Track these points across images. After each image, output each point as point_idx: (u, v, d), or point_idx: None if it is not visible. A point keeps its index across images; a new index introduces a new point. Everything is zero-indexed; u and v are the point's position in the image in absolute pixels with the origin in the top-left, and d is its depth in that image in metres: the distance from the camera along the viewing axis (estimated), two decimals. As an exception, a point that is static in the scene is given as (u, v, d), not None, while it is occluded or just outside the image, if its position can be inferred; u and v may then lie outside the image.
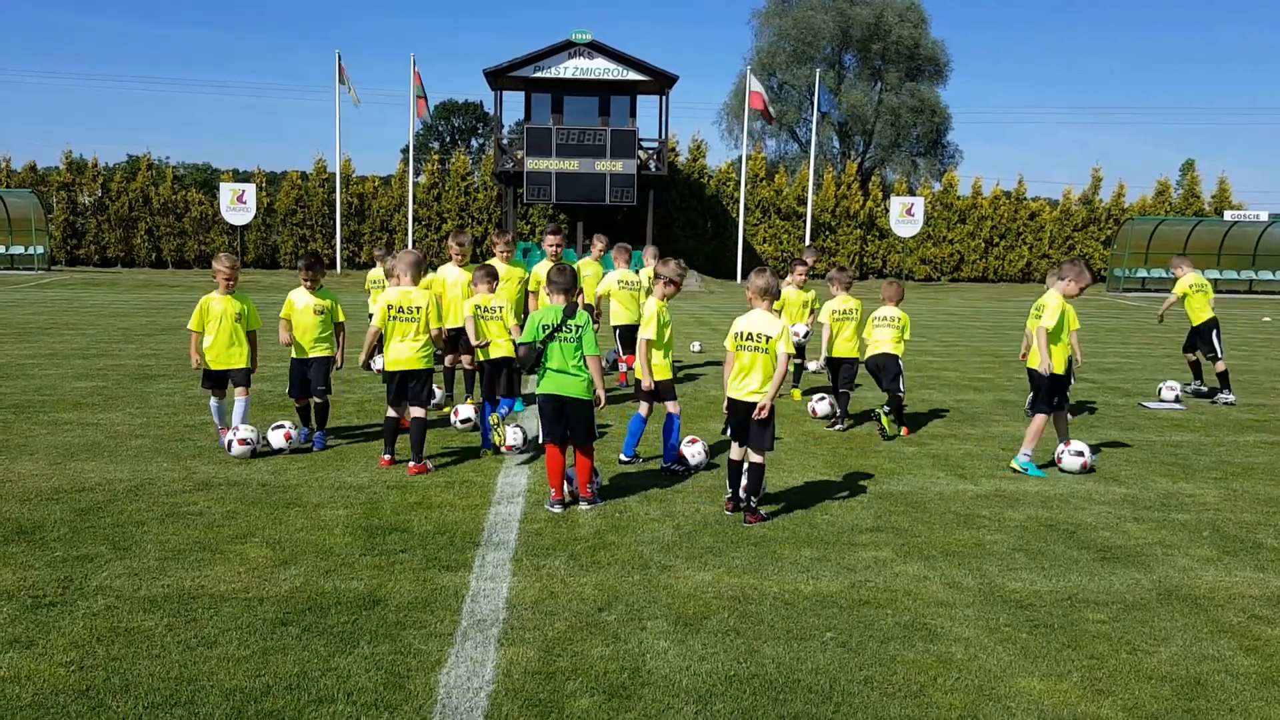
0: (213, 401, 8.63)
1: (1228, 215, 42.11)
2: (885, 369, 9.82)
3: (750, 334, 6.74)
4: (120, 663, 4.38)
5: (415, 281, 8.03)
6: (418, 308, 7.84)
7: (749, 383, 6.71)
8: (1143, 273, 41.96)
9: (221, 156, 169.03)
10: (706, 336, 18.41)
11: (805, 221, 41.00)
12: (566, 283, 7.14)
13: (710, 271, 41.11)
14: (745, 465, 6.79)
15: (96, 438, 8.91)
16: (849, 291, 10.40)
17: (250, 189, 38.87)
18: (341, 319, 8.86)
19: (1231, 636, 4.93)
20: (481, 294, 8.88)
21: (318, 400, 8.69)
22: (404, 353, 7.84)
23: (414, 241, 39.53)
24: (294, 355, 8.69)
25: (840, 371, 10.24)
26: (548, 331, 6.90)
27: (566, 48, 35.75)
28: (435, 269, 10.60)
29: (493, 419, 8.35)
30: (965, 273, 44.50)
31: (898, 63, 53.80)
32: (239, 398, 8.50)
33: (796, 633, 4.83)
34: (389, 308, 7.84)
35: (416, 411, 7.86)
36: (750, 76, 39.68)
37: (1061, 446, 8.43)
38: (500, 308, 8.90)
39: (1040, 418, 8.37)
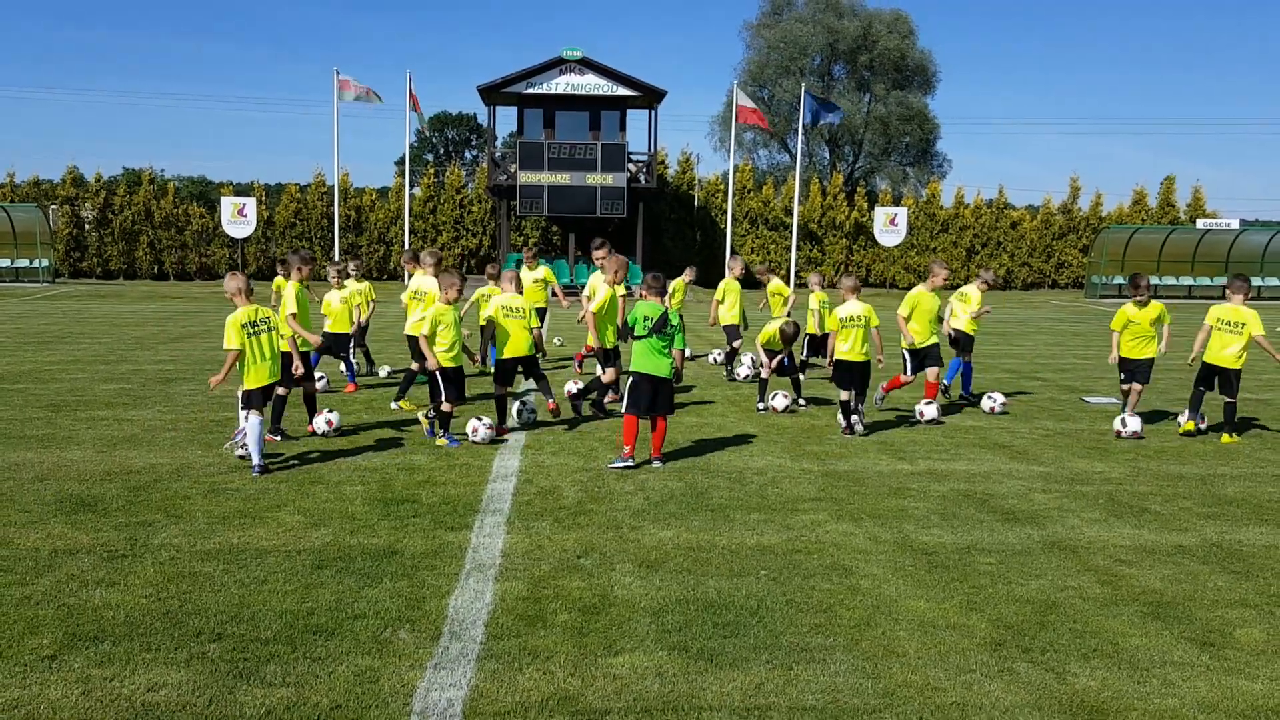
0: (256, 420, 8.22)
1: (1200, 223, 43.41)
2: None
3: (852, 316, 10.27)
4: (190, 594, 5.46)
5: (520, 290, 10.46)
6: (522, 309, 10.18)
7: (851, 347, 10.24)
8: (1119, 280, 43.20)
9: (217, 169, 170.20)
10: (690, 343, 19.46)
11: (792, 232, 42.18)
12: (660, 287, 9.09)
13: (699, 281, 42.24)
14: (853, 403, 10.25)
15: (133, 431, 9.97)
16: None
17: (251, 202, 39.96)
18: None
19: (1094, 574, 6.04)
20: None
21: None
22: (519, 344, 10.12)
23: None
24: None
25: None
26: (650, 324, 8.63)
27: (558, 64, 36.96)
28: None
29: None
30: (948, 281, 45.62)
31: (886, 73, 55.00)
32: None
33: (737, 571, 5.93)
34: (504, 309, 10.10)
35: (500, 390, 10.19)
36: (738, 91, 40.90)
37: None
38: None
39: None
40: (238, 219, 39.62)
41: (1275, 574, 6.12)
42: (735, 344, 14.55)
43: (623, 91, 37.33)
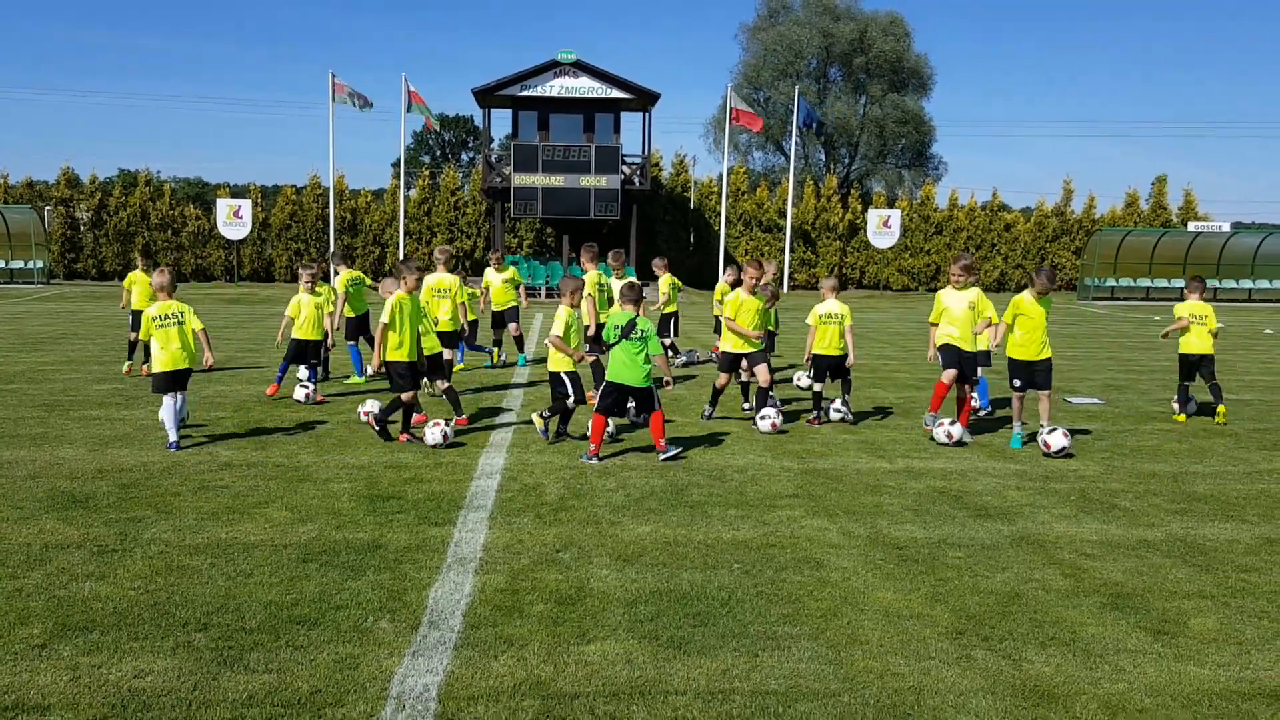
0: (168, 399, 9.26)
1: (1192, 226, 43.69)
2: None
3: (830, 314, 10.86)
4: (178, 586, 5.61)
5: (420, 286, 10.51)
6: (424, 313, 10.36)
7: (829, 343, 10.87)
8: (1111, 282, 43.45)
9: (214, 171, 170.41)
10: (683, 345, 19.62)
11: (786, 234, 42.38)
12: (635, 295, 9.17)
13: (692, 283, 42.41)
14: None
15: (126, 430, 10.11)
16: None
17: (246, 204, 40.17)
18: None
19: (1058, 567, 6.21)
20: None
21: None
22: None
23: (405, 255, 40.76)
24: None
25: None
26: (619, 331, 8.93)
27: (552, 67, 37.18)
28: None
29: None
30: (942, 282, 45.74)
31: (881, 76, 55.17)
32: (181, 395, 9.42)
33: (711, 564, 6.10)
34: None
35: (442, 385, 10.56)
36: (731, 94, 41.11)
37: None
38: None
39: None
40: (233, 220, 39.84)
41: (1235, 567, 6.29)
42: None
43: (617, 94, 37.55)
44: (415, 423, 10.04)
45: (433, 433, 9.39)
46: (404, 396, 9.63)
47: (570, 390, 9.63)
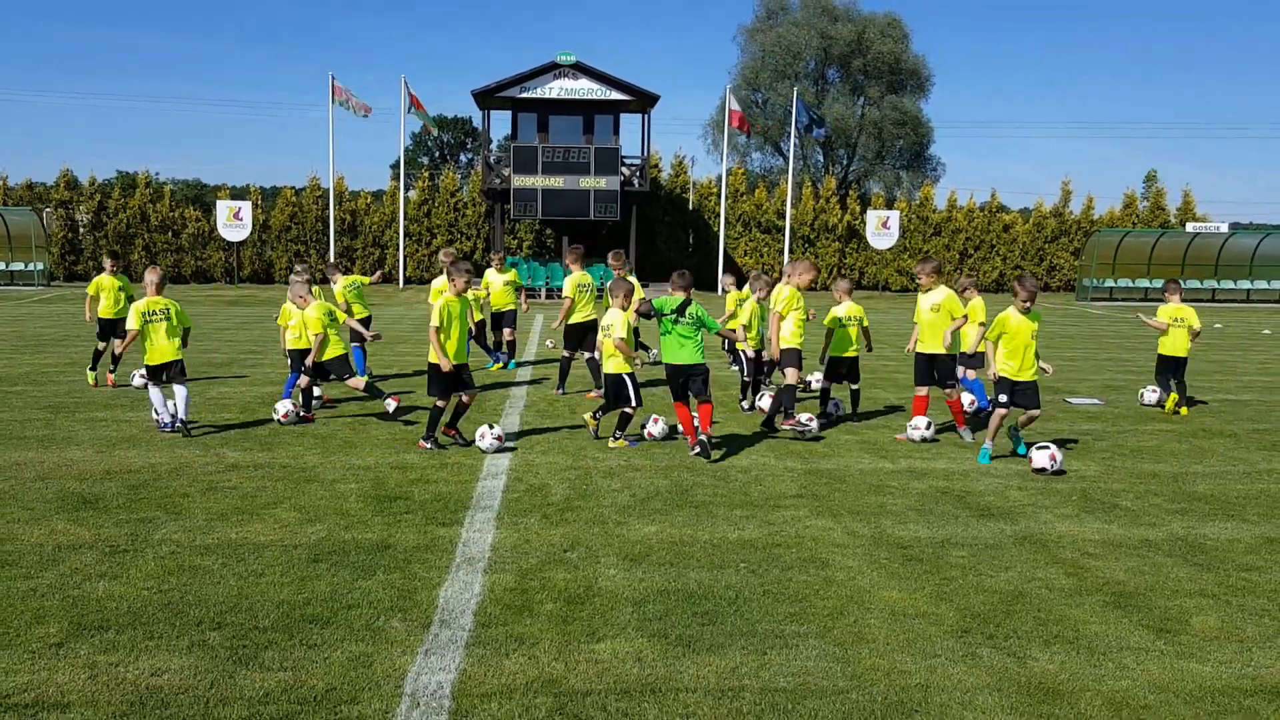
0: (154, 389, 10.30)
1: (1190, 227, 43.75)
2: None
3: (848, 317, 11.02)
4: (190, 586, 5.67)
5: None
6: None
7: (845, 346, 11.02)
8: (1110, 282, 43.51)
9: (213, 173, 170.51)
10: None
11: (784, 235, 42.41)
12: (686, 282, 9.54)
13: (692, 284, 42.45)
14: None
15: (132, 432, 10.17)
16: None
17: (246, 206, 40.17)
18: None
19: (1060, 566, 6.28)
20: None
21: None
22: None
23: (405, 257, 40.86)
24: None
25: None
26: (674, 316, 9.24)
27: (552, 69, 37.24)
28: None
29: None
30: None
31: (879, 77, 55.18)
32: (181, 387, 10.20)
33: (718, 563, 6.17)
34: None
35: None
36: (730, 96, 41.18)
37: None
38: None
39: None
40: (233, 222, 39.85)
41: (1236, 565, 6.36)
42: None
43: (616, 95, 37.61)
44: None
45: (486, 439, 9.34)
46: (439, 402, 9.48)
47: (633, 394, 9.77)
